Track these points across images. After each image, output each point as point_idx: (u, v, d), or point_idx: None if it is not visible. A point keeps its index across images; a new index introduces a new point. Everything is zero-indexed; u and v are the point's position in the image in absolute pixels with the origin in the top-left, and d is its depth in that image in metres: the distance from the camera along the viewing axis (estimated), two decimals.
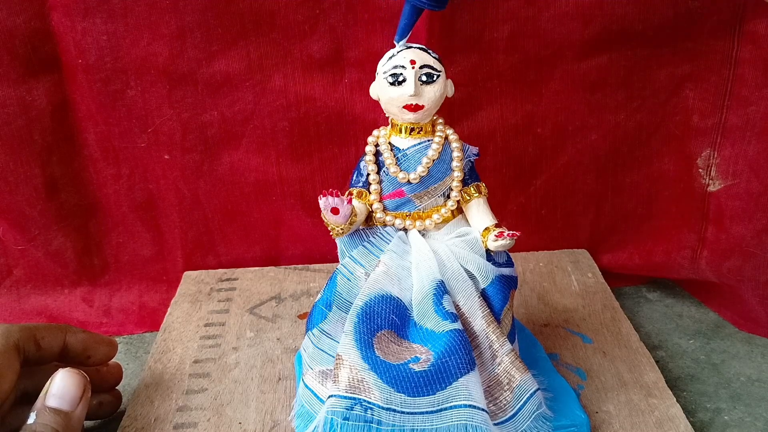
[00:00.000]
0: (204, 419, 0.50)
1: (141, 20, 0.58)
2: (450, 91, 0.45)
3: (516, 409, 0.43)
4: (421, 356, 0.42)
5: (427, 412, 0.41)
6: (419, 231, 0.46)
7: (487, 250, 0.45)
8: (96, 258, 0.69)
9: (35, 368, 0.47)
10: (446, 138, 0.45)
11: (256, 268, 0.70)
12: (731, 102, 0.58)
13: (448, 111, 0.46)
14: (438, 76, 0.43)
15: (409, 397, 0.41)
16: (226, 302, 0.64)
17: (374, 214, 0.46)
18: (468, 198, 0.46)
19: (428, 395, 0.41)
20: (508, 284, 0.46)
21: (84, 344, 0.49)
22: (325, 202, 0.42)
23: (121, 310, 0.68)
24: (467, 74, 0.61)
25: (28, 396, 0.46)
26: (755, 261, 0.60)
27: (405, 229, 0.47)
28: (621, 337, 0.58)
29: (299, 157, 0.65)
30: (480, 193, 0.46)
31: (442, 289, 0.43)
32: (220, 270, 0.70)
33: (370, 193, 0.46)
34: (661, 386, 0.52)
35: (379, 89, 0.44)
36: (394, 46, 0.44)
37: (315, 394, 0.45)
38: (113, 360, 0.53)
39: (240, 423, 0.49)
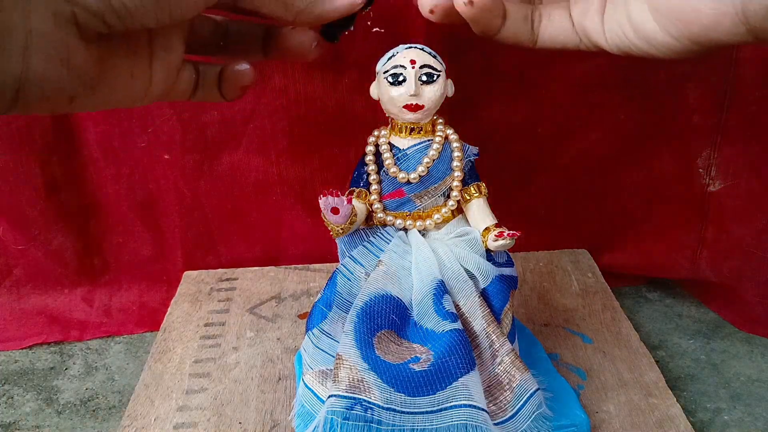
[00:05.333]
0: (204, 419, 0.50)
1: None
2: (450, 90, 0.45)
3: (516, 409, 0.43)
4: (421, 356, 0.42)
5: (427, 412, 0.40)
6: (419, 231, 0.46)
7: (487, 250, 0.45)
8: (96, 258, 0.69)
9: None
10: (446, 138, 0.46)
11: (256, 268, 0.70)
12: (731, 102, 0.58)
13: (448, 111, 0.46)
14: (438, 75, 0.43)
15: (409, 397, 0.40)
16: (226, 302, 0.64)
17: (374, 214, 0.46)
18: (468, 198, 0.46)
19: (428, 395, 0.41)
20: (508, 284, 0.46)
21: None
22: (325, 202, 0.42)
23: (121, 310, 0.68)
24: (467, 74, 0.61)
25: None
26: (755, 261, 0.60)
27: (405, 229, 0.47)
28: (621, 337, 0.58)
29: (299, 157, 0.65)
30: (480, 193, 0.46)
31: (442, 289, 0.43)
32: (220, 270, 0.70)
33: (370, 193, 0.46)
34: (661, 386, 0.52)
35: (379, 89, 0.44)
36: (394, 46, 0.44)
37: (315, 394, 0.45)
38: None
39: (240, 423, 0.49)
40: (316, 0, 0.38)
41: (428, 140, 0.45)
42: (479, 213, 0.46)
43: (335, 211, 0.42)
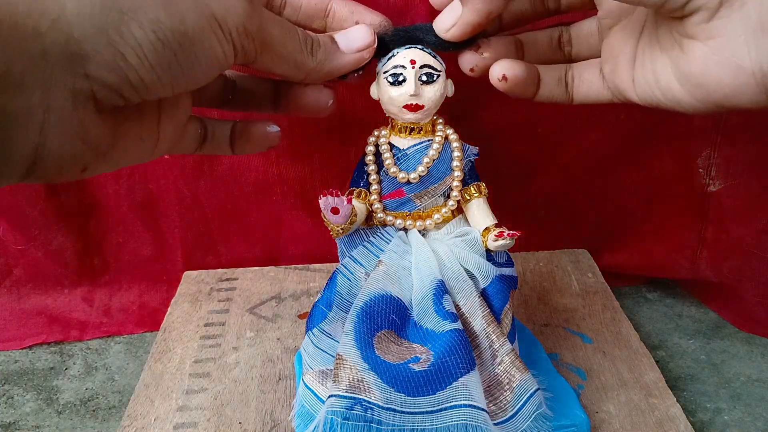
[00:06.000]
0: (204, 419, 0.50)
1: None
2: (450, 90, 0.45)
3: (516, 409, 0.43)
4: (421, 356, 0.42)
5: (427, 412, 0.40)
6: (419, 231, 0.46)
7: (488, 250, 0.45)
8: (96, 258, 0.69)
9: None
10: (446, 138, 0.46)
11: (256, 268, 0.70)
12: None
13: (448, 111, 0.46)
14: (438, 75, 0.43)
15: (409, 397, 0.41)
16: (226, 302, 0.64)
17: (374, 214, 0.46)
18: (468, 198, 0.46)
19: (428, 395, 0.41)
20: (508, 284, 0.46)
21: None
22: (325, 202, 0.42)
23: (121, 310, 0.68)
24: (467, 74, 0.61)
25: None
26: (755, 261, 0.60)
27: (405, 229, 0.47)
28: (621, 337, 0.58)
29: (299, 157, 0.65)
30: (480, 193, 0.46)
31: (442, 289, 0.43)
32: (220, 270, 0.70)
33: (370, 193, 0.46)
34: (661, 386, 0.52)
35: (379, 89, 0.44)
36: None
37: (315, 394, 0.45)
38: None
39: (240, 423, 0.49)
40: (326, 59, 0.39)
41: (428, 140, 0.45)
42: (479, 213, 0.46)
43: (335, 211, 0.42)
